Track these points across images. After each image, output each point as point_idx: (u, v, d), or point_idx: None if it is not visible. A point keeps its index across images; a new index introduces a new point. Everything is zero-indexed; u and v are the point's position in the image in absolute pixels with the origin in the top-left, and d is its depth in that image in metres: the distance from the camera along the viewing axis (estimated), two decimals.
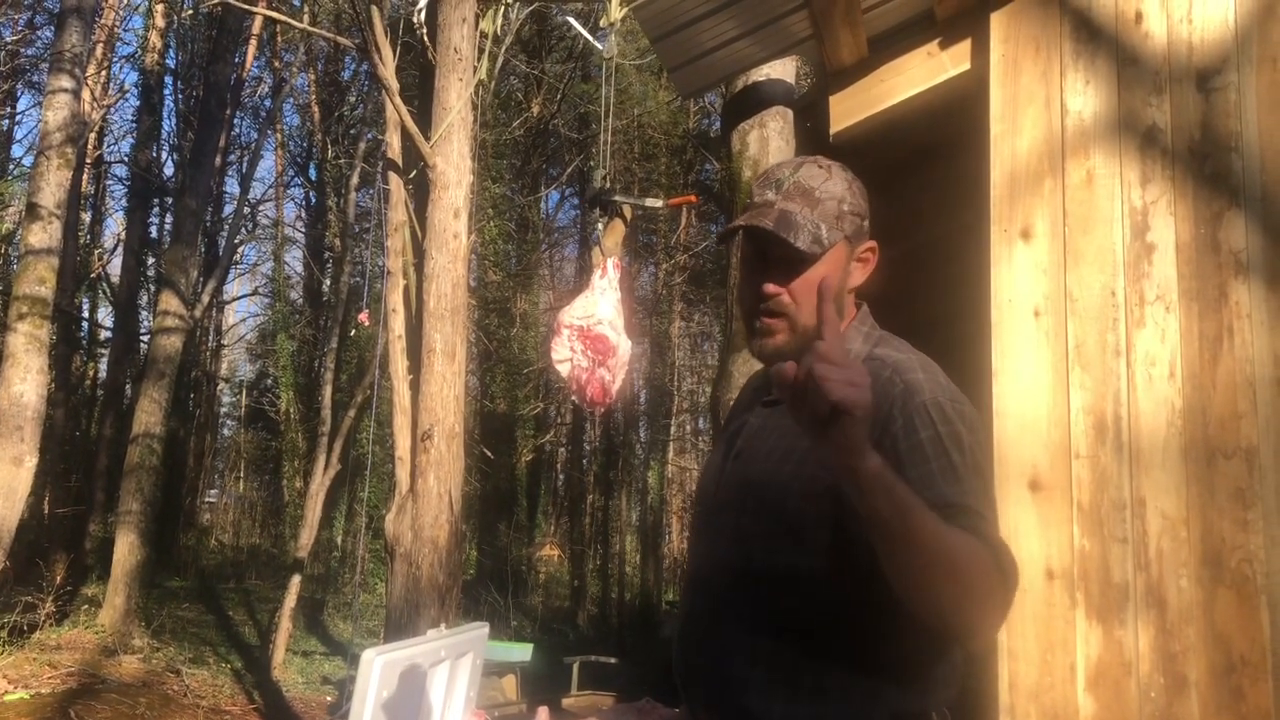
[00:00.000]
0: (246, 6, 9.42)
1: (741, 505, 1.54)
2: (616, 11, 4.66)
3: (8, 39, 16.33)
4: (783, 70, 4.43)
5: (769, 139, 4.33)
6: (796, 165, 1.59)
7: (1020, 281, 3.07)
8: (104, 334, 19.25)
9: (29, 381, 7.68)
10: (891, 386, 1.45)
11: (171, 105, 18.84)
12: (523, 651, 7.99)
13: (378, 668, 1.79)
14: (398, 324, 5.03)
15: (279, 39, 19.13)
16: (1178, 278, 2.90)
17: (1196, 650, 2.71)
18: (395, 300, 5.05)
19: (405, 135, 5.00)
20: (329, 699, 10.36)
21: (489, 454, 17.51)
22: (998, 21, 3.25)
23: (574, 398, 4.44)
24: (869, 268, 1.62)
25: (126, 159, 18.23)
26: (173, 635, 11.29)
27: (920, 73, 3.49)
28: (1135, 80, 3.06)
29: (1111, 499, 2.85)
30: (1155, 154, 3.00)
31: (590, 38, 5.61)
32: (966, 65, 3.39)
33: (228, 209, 20.28)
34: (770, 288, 1.54)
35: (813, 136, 3.98)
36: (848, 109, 3.60)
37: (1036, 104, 3.16)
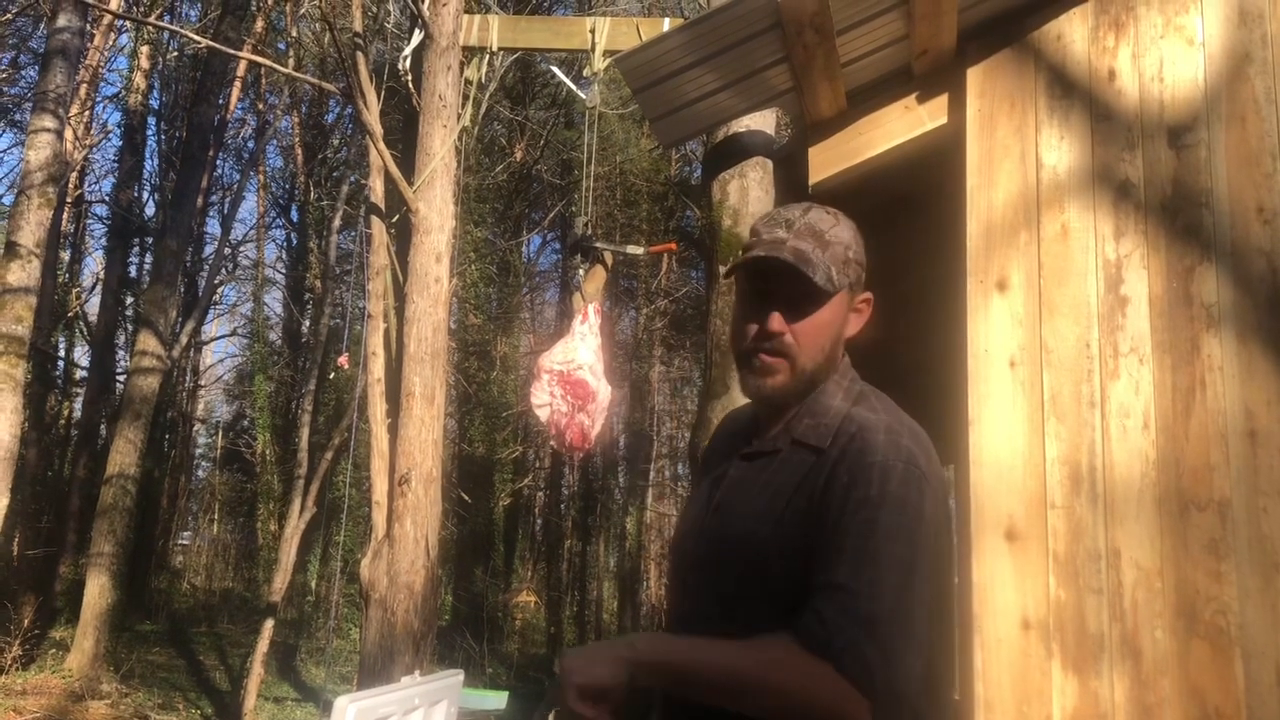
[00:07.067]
0: (231, 50, 9.47)
1: (720, 563, 1.52)
2: (599, 62, 4.72)
3: None
4: (763, 121, 4.48)
5: (749, 189, 4.38)
6: (805, 209, 1.58)
7: (996, 332, 3.10)
8: (80, 373, 19.11)
9: (2, 420, 7.62)
10: (850, 443, 1.45)
11: (154, 145, 18.87)
12: (498, 699, 7.87)
13: (351, 715, 1.77)
14: (377, 367, 5.02)
15: (263, 81, 19.23)
16: (1151, 330, 2.94)
17: (1172, 702, 2.72)
18: (375, 343, 5.05)
19: (388, 179, 5.02)
20: None
21: (466, 498, 17.40)
22: (974, 77, 3.31)
23: (553, 443, 4.44)
24: (863, 319, 1.61)
25: (107, 198, 18.24)
26: (142, 680, 11.11)
27: (898, 126, 3.54)
28: (1109, 136, 3.12)
29: (1087, 549, 2.86)
30: (1129, 208, 3.05)
31: (573, 86, 5.67)
32: (943, 119, 3.45)
33: (208, 249, 20.26)
34: (777, 323, 1.52)
35: (792, 187, 4.03)
36: (827, 160, 3.65)
37: (1012, 158, 3.21)
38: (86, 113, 16.56)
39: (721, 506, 1.58)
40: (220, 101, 15.53)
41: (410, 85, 5.11)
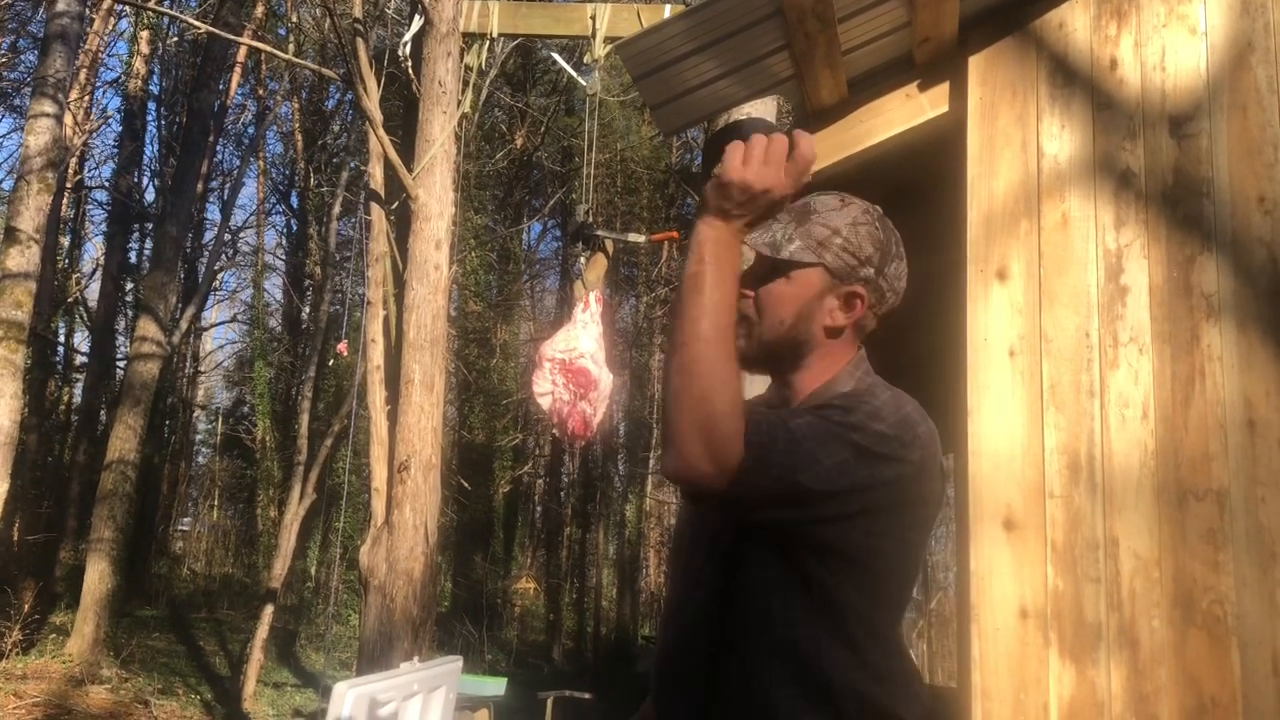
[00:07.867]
0: (232, 36, 9.45)
1: (714, 543, 1.52)
2: (600, 49, 4.71)
3: None
4: (764, 109, 4.46)
5: None
6: (821, 193, 1.59)
7: (996, 321, 3.10)
8: (80, 359, 19.09)
9: (2, 406, 7.62)
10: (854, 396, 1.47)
11: (154, 131, 18.82)
12: (497, 686, 7.93)
13: (350, 700, 1.78)
14: (376, 354, 5.03)
15: (264, 67, 19.17)
16: (1150, 320, 2.94)
17: (1168, 691, 2.72)
18: (375, 330, 5.05)
19: (388, 166, 5.02)
20: None
21: (466, 485, 17.42)
22: (975, 65, 3.31)
23: (555, 431, 4.44)
24: (854, 315, 1.54)
25: (107, 184, 18.20)
26: (142, 665, 11.14)
27: (899, 114, 3.53)
28: (1110, 125, 3.11)
29: (1085, 538, 2.87)
30: (1129, 198, 3.04)
31: (574, 73, 5.66)
32: (945, 107, 3.44)
33: (208, 235, 20.21)
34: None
35: None
36: (828, 148, 3.64)
37: (1013, 147, 3.21)
38: (86, 98, 16.51)
39: None
40: (220, 87, 15.49)
41: (410, 71, 5.10)
